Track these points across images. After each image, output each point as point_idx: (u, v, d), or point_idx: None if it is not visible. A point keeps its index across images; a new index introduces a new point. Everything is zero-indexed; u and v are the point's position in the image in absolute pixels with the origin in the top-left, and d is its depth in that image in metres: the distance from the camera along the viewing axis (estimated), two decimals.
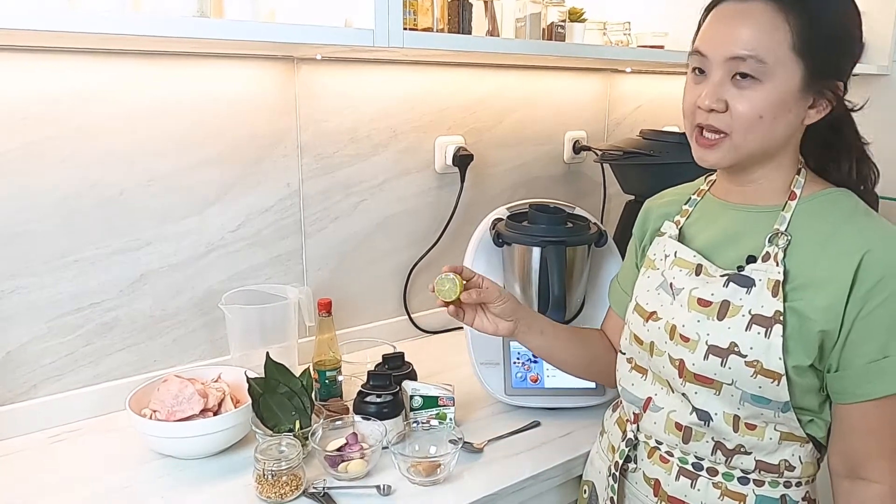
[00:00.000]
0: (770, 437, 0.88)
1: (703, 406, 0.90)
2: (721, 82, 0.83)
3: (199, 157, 1.31)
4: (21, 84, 1.13)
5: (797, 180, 0.89)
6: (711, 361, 0.87)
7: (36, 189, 1.17)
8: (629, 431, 1.00)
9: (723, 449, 0.90)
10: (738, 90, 0.82)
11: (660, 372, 0.95)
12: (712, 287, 0.89)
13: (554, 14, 1.58)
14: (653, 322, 0.95)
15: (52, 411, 1.23)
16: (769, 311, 0.84)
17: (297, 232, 1.47)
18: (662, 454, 0.96)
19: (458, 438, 1.11)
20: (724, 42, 0.82)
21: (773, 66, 0.80)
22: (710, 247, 0.94)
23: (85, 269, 1.23)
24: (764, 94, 0.81)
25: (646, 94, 2.06)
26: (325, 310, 1.31)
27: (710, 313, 0.88)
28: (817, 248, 0.84)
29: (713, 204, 0.98)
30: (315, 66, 1.42)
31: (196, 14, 1.04)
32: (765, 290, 0.84)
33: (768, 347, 0.83)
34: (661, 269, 0.97)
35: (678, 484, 0.94)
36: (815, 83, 0.82)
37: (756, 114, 0.82)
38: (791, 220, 0.87)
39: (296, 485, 1.02)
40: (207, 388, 1.17)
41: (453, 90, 1.64)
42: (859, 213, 0.86)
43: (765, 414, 0.87)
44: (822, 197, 0.88)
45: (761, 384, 0.84)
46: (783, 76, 0.81)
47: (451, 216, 1.67)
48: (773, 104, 0.82)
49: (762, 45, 0.80)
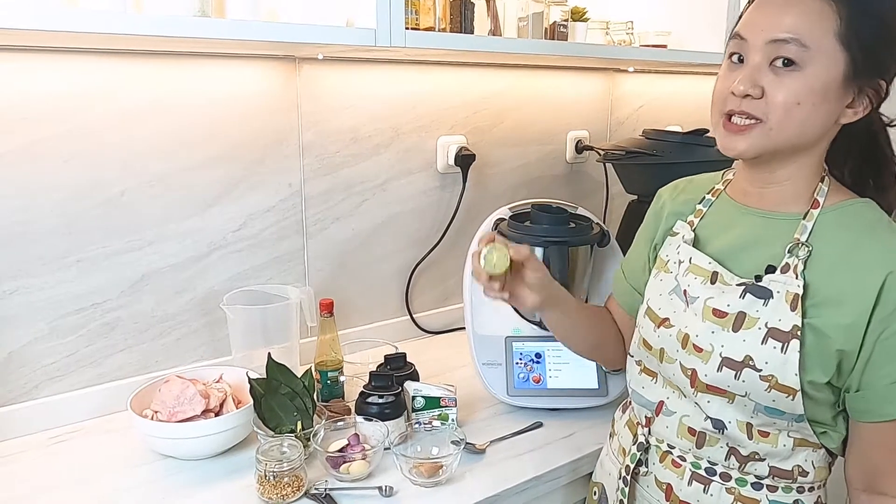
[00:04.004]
0: (784, 443, 0.87)
1: (717, 415, 0.88)
2: (759, 67, 0.80)
3: (200, 157, 1.31)
4: (22, 84, 1.12)
5: (820, 188, 0.86)
6: (725, 374, 0.85)
7: (37, 189, 1.17)
8: (640, 435, 0.98)
9: (737, 455, 0.89)
10: (777, 76, 0.79)
11: (671, 378, 0.94)
12: (728, 297, 0.86)
13: (556, 13, 1.58)
14: (664, 329, 0.93)
15: (53, 412, 1.23)
16: (787, 325, 0.81)
17: (299, 232, 1.47)
18: (675, 458, 0.95)
19: (460, 439, 1.11)
20: (767, 25, 0.79)
21: (816, 52, 0.77)
22: (726, 253, 0.91)
23: (86, 269, 1.23)
24: (803, 82, 0.77)
25: (648, 93, 2.05)
26: (326, 310, 1.31)
27: (725, 324, 0.86)
28: (839, 262, 0.81)
29: (729, 206, 0.94)
30: (317, 65, 1.42)
31: (197, 14, 1.03)
32: (783, 303, 0.82)
33: (784, 363, 0.81)
34: (675, 273, 0.95)
35: (690, 489, 0.93)
36: (857, 78, 0.79)
37: (794, 100, 0.78)
38: (813, 230, 0.84)
39: (297, 486, 1.02)
40: (209, 389, 1.17)
41: (455, 90, 1.63)
42: (883, 226, 0.83)
43: (778, 423, 0.85)
44: (846, 207, 0.85)
45: (775, 398, 0.83)
46: (825, 64, 0.77)
47: (454, 216, 1.66)
48: (813, 92, 0.77)
49: (806, 29, 0.77)
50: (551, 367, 1.29)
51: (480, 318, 1.34)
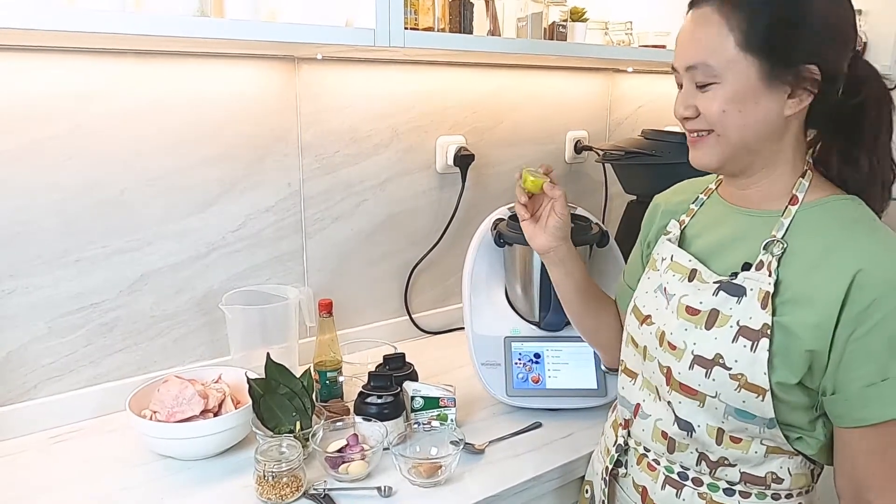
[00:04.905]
0: (755, 450, 0.86)
1: (686, 417, 0.88)
2: (689, 91, 0.86)
3: (199, 156, 1.31)
4: (22, 84, 1.12)
5: (801, 183, 0.85)
6: (696, 372, 0.85)
7: (36, 189, 1.17)
8: (620, 437, 1.00)
9: (707, 460, 0.89)
10: (703, 94, 0.84)
11: (650, 378, 0.94)
12: (702, 295, 0.87)
13: (555, 13, 1.58)
14: (646, 326, 0.94)
15: (52, 412, 1.23)
16: (757, 323, 0.81)
17: (298, 232, 1.47)
18: (650, 462, 0.96)
19: (459, 439, 1.11)
20: (680, 55, 0.86)
21: (724, 68, 0.81)
22: (709, 251, 0.92)
23: (85, 268, 1.23)
24: (723, 93, 0.82)
25: (647, 93, 2.05)
26: (325, 310, 1.31)
27: (697, 322, 0.86)
28: (813, 259, 0.81)
29: (719, 205, 0.96)
30: (316, 65, 1.42)
31: (197, 13, 1.03)
32: (754, 301, 0.82)
33: (753, 362, 0.81)
34: (660, 270, 0.96)
35: (664, 493, 0.93)
36: (777, 73, 0.80)
37: (719, 109, 0.82)
38: (790, 226, 0.84)
39: (296, 486, 1.02)
40: (208, 389, 1.17)
41: (454, 90, 1.63)
42: (862, 224, 0.82)
43: (750, 429, 0.85)
44: (827, 204, 0.84)
45: (745, 398, 0.82)
46: (738, 72, 0.80)
47: (453, 216, 1.66)
48: (737, 99, 0.81)
49: (707, 53, 0.82)
50: (550, 368, 1.29)
51: (479, 319, 1.34)
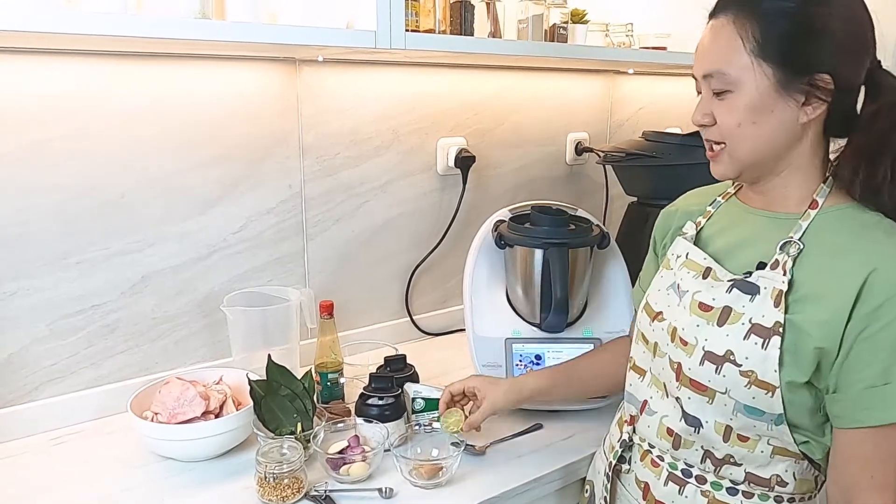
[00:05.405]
0: (762, 450, 0.86)
1: (694, 413, 0.89)
2: (708, 98, 0.87)
3: (200, 158, 1.31)
4: (22, 85, 1.13)
5: (822, 189, 0.86)
6: (707, 368, 0.86)
7: (37, 190, 1.17)
8: (625, 433, 1.01)
9: (712, 458, 0.89)
10: (720, 102, 0.85)
11: (659, 374, 0.95)
12: (715, 292, 0.88)
13: (556, 15, 1.58)
14: (658, 322, 0.95)
15: (53, 413, 1.23)
16: (769, 321, 0.82)
17: (299, 234, 1.47)
18: (654, 458, 0.96)
19: (460, 441, 1.11)
20: (698, 63, 0.87)
21: (739, 75, 0.82)
22: (725, 251, 0.92)
23: (86, 270, 1.23)
24: (739, 102, 0.83)
25: (648, 95, 2.05)
26: (326, 312, 1.30)
27: (710, 318, 0.87)
28: (828, 260, 0.82)
29: (736, 207, 0.96)
30: (317, 67, 1.42)
31: (198, 16, 1.04)
32: (768, 300, 0.83)
33: (764, 359, 0.81)
34: (674, 269, 0.97)
35: (666, 489, 0.94)
36: (792, 81, 0.81)
37: (735, 121, 0.84)
38: (808, 229, 0.84)
39: (297, 487, 1.02)
40: (209, 391, 1.17)
41: (455, 92, 1.64)
42: (879, 227, 0.82)
43: (757, 426, 0.85)
44: (846, 209, 0.85)
45: (755, 395, 0.83)
46: (753, 81, 0.82)
47: (454, 218, 1.67)
48: (753, 108, 0.83)
49: (723, 59, 0.83)
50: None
51: (480, 320, 1.34)
